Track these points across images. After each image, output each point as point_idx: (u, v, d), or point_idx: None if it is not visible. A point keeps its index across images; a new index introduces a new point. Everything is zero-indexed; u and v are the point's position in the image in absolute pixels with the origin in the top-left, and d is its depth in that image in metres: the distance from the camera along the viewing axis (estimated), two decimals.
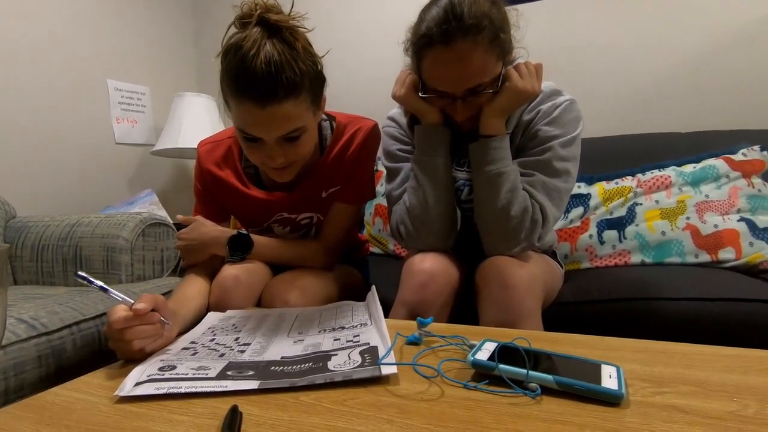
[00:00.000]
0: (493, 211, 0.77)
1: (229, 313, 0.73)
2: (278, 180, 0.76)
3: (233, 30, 0.67)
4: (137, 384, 0.45)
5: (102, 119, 1.87)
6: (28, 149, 1.59)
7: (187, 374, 0.47)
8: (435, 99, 0.80)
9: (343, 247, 0.94)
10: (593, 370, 0.43)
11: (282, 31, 0.65)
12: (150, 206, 1.87)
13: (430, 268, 0.77)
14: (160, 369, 0.48)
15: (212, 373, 0.47)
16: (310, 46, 0.70)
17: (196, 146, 1.77)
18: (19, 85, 1.57)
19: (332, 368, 0.47)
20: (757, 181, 1.18)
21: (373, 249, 1.55)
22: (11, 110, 1.54)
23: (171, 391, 0.43)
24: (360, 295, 0.86)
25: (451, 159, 0.91)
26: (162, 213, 1.83)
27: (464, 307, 0.88)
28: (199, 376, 0.46)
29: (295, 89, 0.66)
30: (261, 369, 0.48)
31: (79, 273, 0.53)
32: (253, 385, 0.44)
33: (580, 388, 0.41)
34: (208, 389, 0.44)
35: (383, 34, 1.88)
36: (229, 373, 0.47)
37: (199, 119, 1.90)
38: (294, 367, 0.49)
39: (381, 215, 1.53)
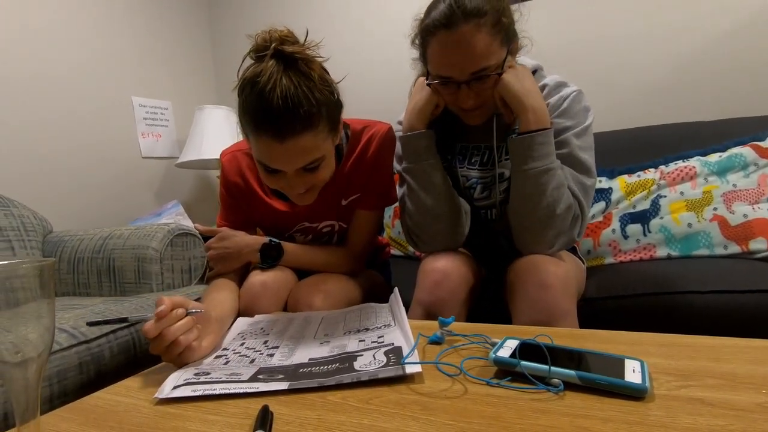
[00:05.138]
0: (538, 209, 0.76)
1: (257, 317, 0.75)
2: (299, 203, 0.78)
3: (249, 61, 0.67)
4: (175, 387, 0.47)
5: (128, 135, 1.94)
6: (61, 168, 1.67)
7: (221, 378, 0.49)
8: (440, 88, 0.80)
9: (369, 252, 0.95)
10: (616, 365, 0.44)
11: (297, 63, 0.66)
12: (176, 217, 1.93)
13: (443, 267, 0.78)
14: (196, 374, 0.51)
15: (244, 377, 0.49)
16: (326, 73, 0.71)
17: (218, 156, 1.82)
18: (51, 109, 1.65)
19: (358, 368, 0.49)
20: None
21: (394, 251, 1.56)
22: (44, 132, 1.62)
23: (207, 392, 0.46)
24: (382, 298, 0.87)
25: (462, 158, 0.91)
26: (188, 223, 1.88)
27: (484, 304, 0.89)
28: (233, 379, 0.49)
29: (312, 121, 0.67)
30: (290, 372, 0.50)
31: (90, 322, 0.57)
32: (283, 385, 0.46)
33: (603, 382, 0.41)
34: (241, 390, 0.46)
35: (390, 35, 1.90)
36: (260, 376, 0.49)
37: (220, 130, 1.95)
38: (322, 367, 0.50)
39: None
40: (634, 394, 0.40)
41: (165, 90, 2.11)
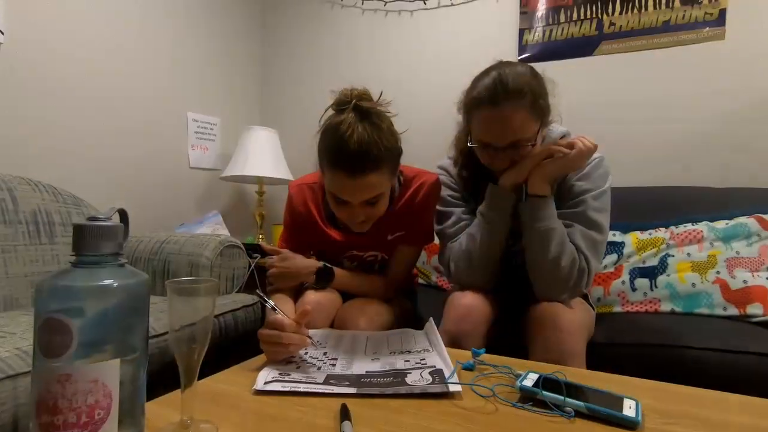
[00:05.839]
0: (545, 262, 0.89)
1: (310, 332, 0.88)
2: (356, 230, 0.93)
3: (331, 111, 0.86)
4: (267, 383, 0.60)
5: (181, 146, 2.12)
6: (120, 172, 1.85)
7: (301, 379, 0.62)
8: (480, 150, 0.94)
9: (405, 282, 1.09)
10: (617, 401, 0.56)
11: (371, 116, 0.83)
12: (215, 226, 2.09)
13: (468, 303, 0.91)
14: (280, 374, 0.64)
15: (319, 380, 0.62)
16: (392, 125, 0.88)
17: (258, 173, 2.00)
18: (118, 118, 1.83)
19: (410, 383, 0.61)
20: None
21: (419, 280, 1.68)
22: (108, 139, 1.80)
23: (294, 389, 0.59)
24: (410, 322, 1.00)
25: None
26: (225, 232, 2.03)
27: (505, 339, 1.01)
28: (311, 381, 0.62)
29: (378, 165, 0.83)
30: (354, 380, 0.63)
31: (258, 292, 0.71)
32: (351, 390, 0.59)
33: (605, 413, 0.53)
34: (320, 390, 0.59)
35: (431, 94, 2.07)
36: (331, 381, 0.62)
37: (263, 150, 2.12)
38: (379, 379, 0.63)
39: (426, 249, 1.67)
40: (629, 425, 0.52)
41: (215, 106, 2.30)
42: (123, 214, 0.49)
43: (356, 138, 0.80)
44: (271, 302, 0.74)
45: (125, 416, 0.43)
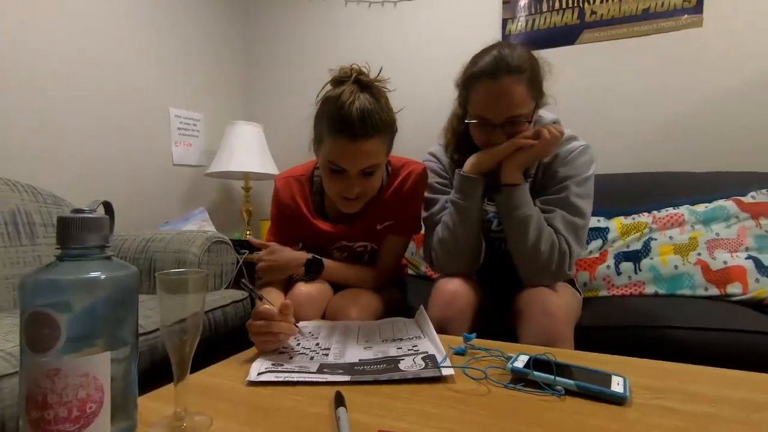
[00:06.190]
0: (526, 249, 0.91)
1: (302, 323, 0.88)
2: (346, 210, 0.93)
3: (328, 87, 0.87)
4: (260, 373, 0.60)
5: (164, 143, 2.08)
6: (102, 171, 1.81)
7: (294, 369, 0.62)
8: (477, 127, 0.95)
9: (395, 272, 1.09)
10: (605, 379, 0.57)
11: (371, 88, 0.85)
12: (201, 223, 2.06)
13: (453, 290, 0.92)
14: (273, 365, 0.63)
15: (312, 370, 0.62)
16: (389, 102, 0.89)
17: (243, 169, 1.97)
18: (95, 115, 1.79)
19: (403, 369, 0.62)
20: (764, 222, 1.29)
21: (408, 270, 1.69)
22: (87, 139, 1.76)
23: (287, 378, 0.59)
24: (400, 312, 1.00)
25: (484, 195, 1.05)
26: (212, 229, 2.01)
27: (493, 326, 1.02)
28: (304, 370, 0.62)
29: (379, 132, 0.85)
30: (348, 368, 0.63)
31: (244, 281, 0.71)
32: (345, 378, 0.59)
33: (594, 390, 0.54)
34: (314, 379, 0.59)
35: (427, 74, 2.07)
36: (325, 370, 0.62)
37: (248, 145, 2.09)
38: (373, 366, 0.63)
39: (414, 240, 1.68)
40: (617, 401, 0.53)
41: (198, 102, 2.26)
42: (108, 207, 0.48)
43: (358, 105, 0.82)
44: (257, 292, 0.73)
45: (118, 411, 0.42)
